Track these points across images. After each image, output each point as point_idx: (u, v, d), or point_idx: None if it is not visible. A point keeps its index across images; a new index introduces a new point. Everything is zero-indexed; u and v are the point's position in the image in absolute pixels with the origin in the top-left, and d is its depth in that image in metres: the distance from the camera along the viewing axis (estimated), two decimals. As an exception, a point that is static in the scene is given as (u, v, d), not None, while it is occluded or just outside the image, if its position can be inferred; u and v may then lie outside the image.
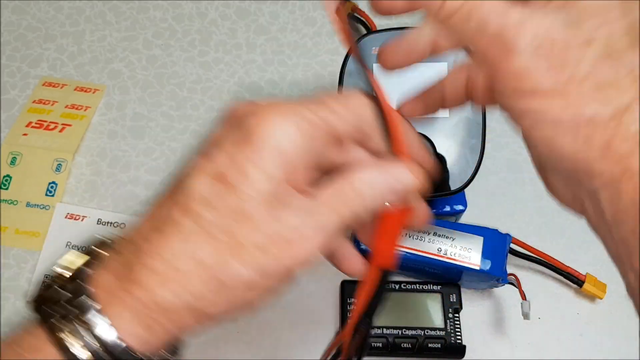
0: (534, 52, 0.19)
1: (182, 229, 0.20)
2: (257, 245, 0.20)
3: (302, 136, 0.21)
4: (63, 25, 0.55)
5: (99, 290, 0.21)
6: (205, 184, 0.20)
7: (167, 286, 0.20)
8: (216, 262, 0.20)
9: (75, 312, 0.20)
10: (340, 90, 0.40)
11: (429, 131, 0.39)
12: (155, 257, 0.20)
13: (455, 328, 0.40)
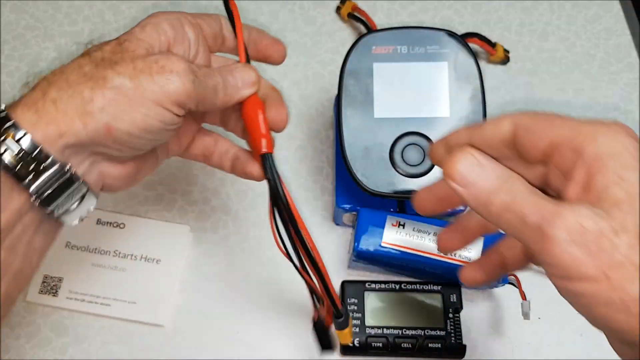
0: (571, 242, 0.21)
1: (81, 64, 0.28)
2: (135, 66, 0.27)
3: (175, 19, 0.30)
4: (62, 24, 0.55)
5: (21, 117, 0.26)
6: (104, 47, 0.28)
7: (62, 91, 0.27)
8: (98, 73, 0.27)
9: (2, 133, 0.26)
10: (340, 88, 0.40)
11: (429, 131, 0.39)
12: (57, 81, 0.27)
13: (456, 328, 0.40)
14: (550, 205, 0.22)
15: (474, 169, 0.24)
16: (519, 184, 0.24)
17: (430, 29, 0.40)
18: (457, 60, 0.39)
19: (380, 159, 0.39)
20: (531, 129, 0.24)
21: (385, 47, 0.39)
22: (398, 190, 0.38)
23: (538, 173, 0.25)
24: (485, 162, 0.24)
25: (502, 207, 0.23)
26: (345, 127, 0.39)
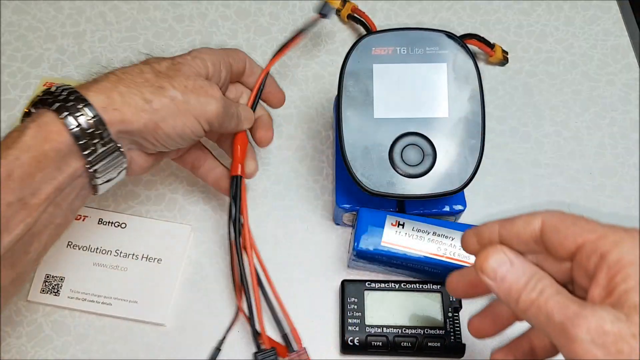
0: (592, 343, 0.23)
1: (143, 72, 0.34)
2: (186, 85, 0.35)
3: (216, 58, 0.38)
4: (64, 25, 0.55)
5: (93, 98, 0.32)
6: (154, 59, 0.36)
7: (128, 87, 0.33)
8: (158, 82, 0.34)
9: (64, 96, 0.31)
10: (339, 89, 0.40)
11: (428, 131, 0.39)
12: (125, 78, 0.33)
13: (455, 327, 0.41)
14: (574, 306, 0.24)
15: (505, 265, 0.27)
16: (546, 283, 0.26)
17: (429, 31, 0.40)
18: (456, 62, 0.39)
19: (380, 159, 0.39)
20: (559, 230, 0.26)
21: (384, 48, 0.40)
22: (397, 190, 0.39)
23: (564, 268, 0.27)
24: (515, 260, 0.27)
25: (529, 303, 0.25)
26: (345, 128, 0.39)
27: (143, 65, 0.35)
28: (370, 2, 0.57)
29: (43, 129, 0.30)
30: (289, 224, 0.46)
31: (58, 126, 0.31)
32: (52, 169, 0.31)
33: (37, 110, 0.32)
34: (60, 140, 0.31)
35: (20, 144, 0.30)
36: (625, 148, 0.50)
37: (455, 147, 0.39)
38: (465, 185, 0.39)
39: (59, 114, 0.31)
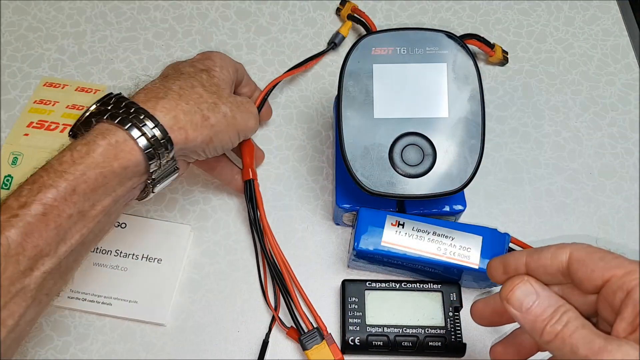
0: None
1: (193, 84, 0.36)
2: (232, 100, 0.38)
3: (233, 66, 0.40)
4: (64, 25, 0.55)
5: (137, 100, 0.33)
6: (192, 69, 0.37)
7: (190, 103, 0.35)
8: (211, 98, 0.36)
9: (134, 114, 0.32)
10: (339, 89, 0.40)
11: (428, 131, 0.39)
12: (177, 91, 0.35)
13: (456, 326, 0.41)
14: (599, 340, 0.25)
15: (531, 297, 0.27)
16: (571, 316, 0.26)
17: (429, 31, 0.40)
18: (456, 62, 0.39)
19: (380, 159, 0.39)
20: (586, 263, 0.27)
21: (384, 49, 0.40)
22: (397, 190, 0.39)
23: (589, 301, 0.28)
24: (541, 292, 0.28)
25: (553, 335, 0.26)
26: (345, 128, 0.39)
27: (189, 78, 0.36)
28: (371, 2, 0.57)
29: (114, 148, 0.31)
30: (289, 224, 0.46)
31: (130, 145, 0.32)
32: (115, 184, 0.32)
33: (100, 123, 0.32)
34: (130, 159, 0.32)
35: (89, 161, 0.31)
36: (625, 148, 0.50)
37: (455, 147, 0.39)
38: (465, 185, 0.39)
39: (130, 131, 0.32)
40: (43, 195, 0.29)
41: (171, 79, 0.36)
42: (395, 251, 0.40)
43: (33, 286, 0.29)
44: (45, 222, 0.29)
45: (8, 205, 0.29)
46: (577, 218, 0.47)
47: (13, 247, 0.28)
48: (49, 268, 0.30)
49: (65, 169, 0.30)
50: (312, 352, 0.40)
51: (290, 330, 0.41)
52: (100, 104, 0.33)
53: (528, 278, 0.28)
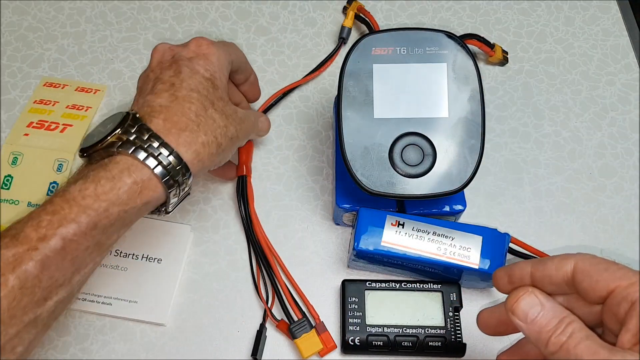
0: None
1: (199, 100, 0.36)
2: (239, 117, 0.39)
3: (228, 61, 0.39)
4: (64, 25, 0.55)
5: (157, 129, 0.33)
6: (205, 84, 0.37)
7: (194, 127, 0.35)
8: (222, 121, 0.37)
9: (159, 150, 0.33)
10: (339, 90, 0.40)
11: (428, 131, 0.39)
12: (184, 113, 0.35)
13: (456, 327, 0.41)
14: (603, 351, 0.25)
15: (536, 308, 0.28)
16: (576, 327, 0.27)
17: (429, 31, 0.40)
18: (456, 62, 0.39)
19: (380, 159, 0.39)
20: (591, 274, 0.27)
21: (384, 49, 0.40)
22: (397, 190, 0.39)
23: (594, 311, 0.28)
24: (546, 303, 0.28)
25: (558, 346, 0.26)
26: (345, 128, 0.39)
27: (201, 97, 0.35)
28: (371, 2, 0.57)
29: (140, 186, 0.32)
30: (289, 224, 0.46)
31: (154, 183, 0.32)
32: (135, 217, 0.33)
33: (123, 156, 0.32)
34: (152, 195, 0.33)
35: (114, 199, 0.31)
36: (625, 148, 0.50)
37: (455, 147, 0.39)
38: (465, 185, 0.39)
39: (155, 170, 0.32)
40: (64, 230, 0.29)
41: (183, 99, 0.35)
42: (395, 251, 0.40)
43: (45, 314, 0.30)
44: (63, 255, 0.29)
45: (26, 235, 0.29)
46: (577, 218, 0.47)
47: (30, 280, 0.28)
48: (62, 297, 0.30)
49: (88, 204, 0.30)
50: (300, 340, 0.40)
51: (280, 323, 0.41)
52: (121, 131, 0.33)
53: (533, 289, 0.28)
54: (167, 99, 0.35)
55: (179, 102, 0.35)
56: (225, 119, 0.36)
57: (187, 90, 0.35)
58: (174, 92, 0.35)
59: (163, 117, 0.34)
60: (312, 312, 0.42)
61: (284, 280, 0.43)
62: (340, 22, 0.56)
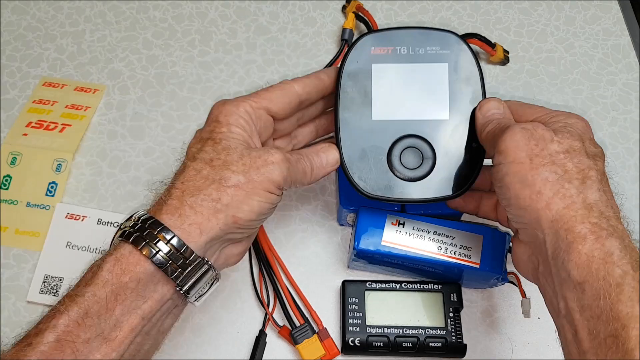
0: (523, 131, 0.33)
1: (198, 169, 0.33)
2: (244, 162, 0.33)
3: (245, 111, 0.34)
4: (63, 25, 0.55)
5: (168, 222, 0.31)
6: (197, 146, 0.34)
7: (197, 198, 0.32)
8: (217, 175, 0.32)
9: (147, 230, 0.30)
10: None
11: (428, 134, 0.38)
12: (188, 194, 0.32)
13: (456, 327, 0.40)
14: None
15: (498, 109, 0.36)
16: None
17: (430, 30, 0.39)
18: (458, 62, 0.39)
19: (378, 162, 0.38)
20: None
21: (384, 48, 0.39)
22: (395, 194, 0.38)
23: None
24: (506, 111, 0.36)
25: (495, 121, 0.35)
26: (342, 130, 0.38)
27: (194, 162, 0.33)
28: (371, 2, 0.57)
29: (121, 262, 0.30)
30: (289, 224, 0.46)
31: (136, 257, 0.30)
32: (134, 299, 0.30)
33: (116, 243, 0.31)
34: (139, 270, 0.30)
35: (97, 280, 0.30)
36: (625, 148, 0.50)
37: (456, 150, 0.38)
38: (466, 190, 0.38)
39: (137, 245, 0.30)
40: (55, 322, 0.29)
41: (181, 173, 0.33)
42: (395, 251, 0.40)
43: None
44: (60, 349, 0.28)
45: (28, 334, 0.29)
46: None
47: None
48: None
49: (77, 292, 0.29)
50: (302, 346, 0.40)
51: (282, 329, 0.41)
52: (124, 225, 0.32)
53: None
54: None
55: None
56: (225, 169, 0.32)
57: (187, 160, 0.35)
58: None
59: (157, 203, 0.33)
60: (315, 317, 0.41)
61: (285, 283, 0.42)
62: (341, 22, 0.55)
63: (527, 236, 0.31)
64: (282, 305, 0.41)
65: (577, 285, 0.27)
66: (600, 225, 0.28)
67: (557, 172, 0.30)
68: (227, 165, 0.32)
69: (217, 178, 0.32)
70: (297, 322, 0.41)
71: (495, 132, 0.33)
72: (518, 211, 0.31)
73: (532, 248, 0.32)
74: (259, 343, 0.41)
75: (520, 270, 0.34)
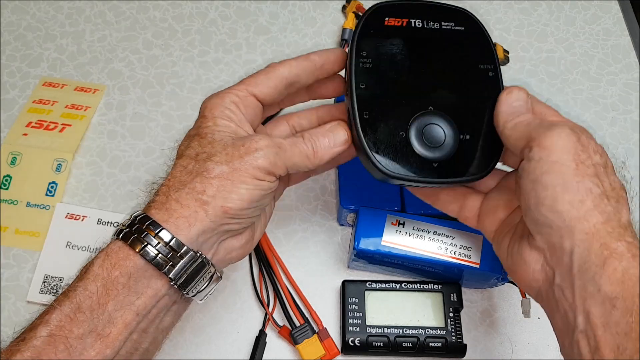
0: None
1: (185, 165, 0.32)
2: (227, 152, 0.32)
3: (230, 101, 0.34)
4: (63, 25, 0.55)
5: (155, 216, 0.31)
6: (185, 143, 0.34)
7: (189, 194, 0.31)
8: (201, 168, 0.32)
9: (135, 225, 0.31)
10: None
11: (451, 111, 0.35)
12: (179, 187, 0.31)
13: (456, 327, 0.40)
14: None
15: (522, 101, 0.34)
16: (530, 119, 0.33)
17: (446, 6, 0.37)
18: (473, 40, 0.36)
19: (397, 138, 0.33)
20: None
21: (399, 20, 0.36)
22: (419, 175, 0.33)
23: None
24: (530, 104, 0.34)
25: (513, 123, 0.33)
26: (357, 103, 0.34)
27: (181, 160, 0.33)
28: (371, 2, 0.57)
29: (110, 256, 0.30)
30: (289, 224, 0.46)
31: (125, 251, 0.30)
32: (127, 295, 0.30)
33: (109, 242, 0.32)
34: (128, 264, 0.30)
35: (88, 274, 0.30)
36: (625, 148, 0.50)
37: (477, 129, 0.34)
38: (489, 171, 0.34)
39: (126, 240, 0.30)
40: (49, 317, 0.29)
41: (169, 172, 0.33)
42: (395, 251, 0.40)
43: None
44: (53, 344, 0.28)
45: (23, 329, 0.29)
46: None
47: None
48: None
49: (70, 288, 0.30)
50: (302, 346, 0.40)
51: (282, 329, 0.41)
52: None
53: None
54: None
55: None
56: (209, 161, 0.32)
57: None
58: None
59: (147, 203, 0.33)
60: (315, 317, 0.41)
61: (285, 283, 0.42)
62: (341, 22, 0.55)
63: (547, 243, 0.29)
64: (282, 305, 0.41)
65: (607, 300, 0.26)
66: (635, 244, 0.28)
67: (599, 185, 0.29)
68: (210, 157, 0.32)
69: (201, 170, 0.31)
70: (297, 322, 0.41)
71: (531, 125, 0.31)
72: (550, 214, 0.29)
73: (548, 256, 0.30)
74: (259, 343, 0.41)
75: (523, 278, 0.31)
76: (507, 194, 0.34)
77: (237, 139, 0.32)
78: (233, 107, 0.34)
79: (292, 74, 0.35)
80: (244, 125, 0.34)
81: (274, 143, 0.33)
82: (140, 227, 0.30)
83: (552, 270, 0.29)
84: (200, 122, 0.34)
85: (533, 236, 0.30)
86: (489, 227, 0.34)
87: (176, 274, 0.30)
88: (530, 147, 0.30)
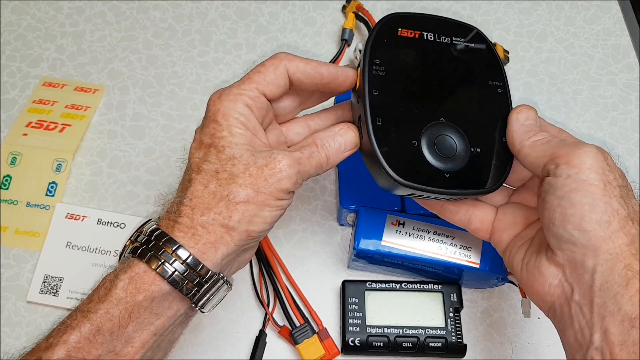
0: None
1: (201, 180, 0.32)
2: (250, 173, 0.31)
3: (244, 105, 0.32)
4: (63, 25, 0.55)
5: (182, 240, 0.31)
6: (199, 153, 0.32)
7: (206, 215, 0.31)
8: (225, 190, 0.31)
9: (162, 249, 0.30)
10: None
11: (462, 123, 0.35)
12: (194, 209, 0.31)
13: (456, 327, 0.40)
14: None
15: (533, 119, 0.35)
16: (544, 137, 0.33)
17: (457, 22, 0.38)
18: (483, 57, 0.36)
19: (409, 147, 0.33)
20: None
21: (412, 31, 0.36)
22: (430, 184, 0.32)
23: None
24: (539, 122, 0.35)
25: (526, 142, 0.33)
26: (371, 111, 0.33)
27: (198, 175, 0.31)
28: (371, 2, 0.57)
29: (135, 280, 0.30)
30: (289, 224, 0.46)
31: (151, 276, 0.30)
32: (147, 317, 0.30)
33: (129, 259, 0.31)
34: (154, 290, 0.30)
35: (111, 297, 0.29)
36: (625, 148, 0.50)
37: (487, 142, 0.34)
38: (500, 185, 0.34)
39: (151, 263, 0.30)
40: (67, 337, 0.29)
41: (187, 187, 0.32)
42: (395, 251, 0.40)
43: None
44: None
45: (38, 347, 0.29)
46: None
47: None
48: None
49: (89, 308, 0.29)
50: (302, 346, 0.40)
51: (282, 329, 0.41)
52: (134, 237, 0.32)
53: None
54: None
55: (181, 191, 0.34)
56: (232, 183, 0.31)
57: (188, 169, 0.34)
58: None
59: (167, 218, 0.32)
60: (315, 317, 0.41)
61: (285, 283, 0.42)
62: (341, 22, 0.55)
63: (568, 259, 0.29)
64: (282, 305, 0.41)
65: (627, 319, 0.27)
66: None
67: (624, 207, 0.29)
68: (233, 179, 0.31)
69: (225, 194, 0.31)
70: (297, 322, 0.41)
71: (551, 143, 0.31)
72: (576, 232, 0.29)
73: (567, 272, 0.29)
74: (259, 343, 0.41)
75: (538, 291, 0.31)
76: (523, 210, 0.34)
77: (258, 156, 0.32)
78: (247, 112, 0.32)
79: (296, 77, 0.35)
80: (258, 132, 0.33)
81: (294, 160, 0.32)
82: (167, 252, 0.30)
83: (571, 287, 0.29)
84: (214, 128, 0.32)
85: (553, 251, 0.30)
86: (505, 240, 0.34)
87: (200, 297, 0.31)
88: (557, 164, 0.30)
